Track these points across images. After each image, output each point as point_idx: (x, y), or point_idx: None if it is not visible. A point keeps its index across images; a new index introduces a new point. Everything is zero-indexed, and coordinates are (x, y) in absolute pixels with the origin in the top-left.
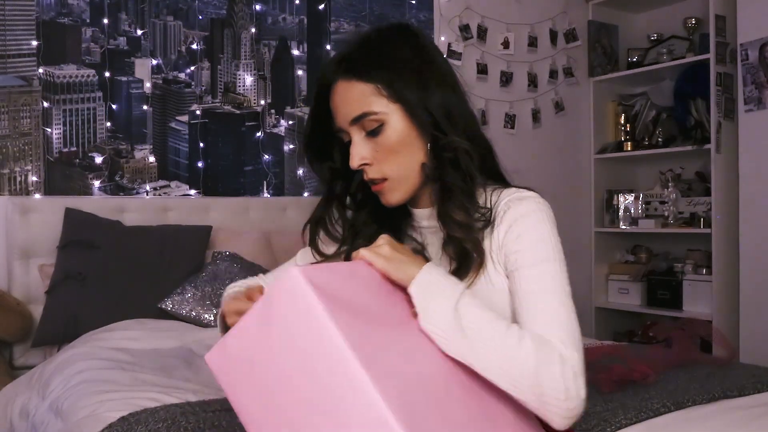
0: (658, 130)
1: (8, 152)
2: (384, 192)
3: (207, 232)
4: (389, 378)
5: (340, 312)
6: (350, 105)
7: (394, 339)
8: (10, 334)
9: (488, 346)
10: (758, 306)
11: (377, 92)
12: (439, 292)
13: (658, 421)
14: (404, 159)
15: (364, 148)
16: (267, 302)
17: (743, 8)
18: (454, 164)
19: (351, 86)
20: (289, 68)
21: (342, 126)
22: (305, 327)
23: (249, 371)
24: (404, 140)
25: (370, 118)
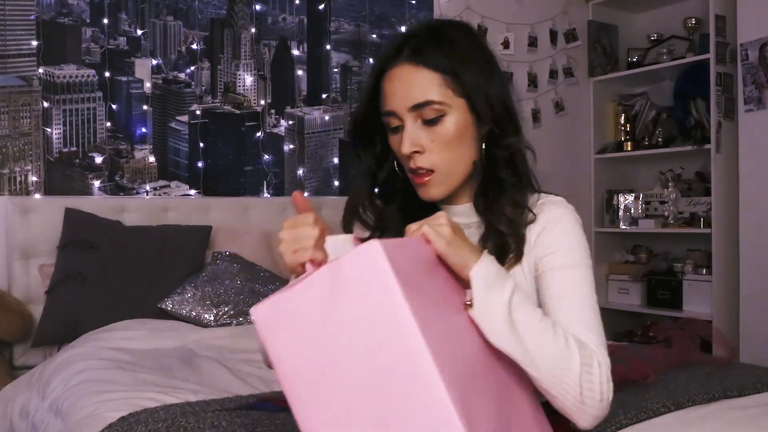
0: (658, 130)
1: (8, 152)
2: (427, 185)
3: (207, 232)
4: (447, 364)
5: (411, 292)
6: (413, 90)
7: (446, 321)
8: (10, 334)
9: (537, 344)
10: (758, 306)
11: (443, 83)
12: (498, 284)
13: (658, 421)
14: (456, 153)
15: (419, 135)
16: (336, 269)
17: (743, 8)
18: (508, 162)
19: (417, 71)
20: (289, 68)
21: (396, 109)
22: (376, 303)
23: (299, 333)
24: (461, 134)
25: (433, 107)
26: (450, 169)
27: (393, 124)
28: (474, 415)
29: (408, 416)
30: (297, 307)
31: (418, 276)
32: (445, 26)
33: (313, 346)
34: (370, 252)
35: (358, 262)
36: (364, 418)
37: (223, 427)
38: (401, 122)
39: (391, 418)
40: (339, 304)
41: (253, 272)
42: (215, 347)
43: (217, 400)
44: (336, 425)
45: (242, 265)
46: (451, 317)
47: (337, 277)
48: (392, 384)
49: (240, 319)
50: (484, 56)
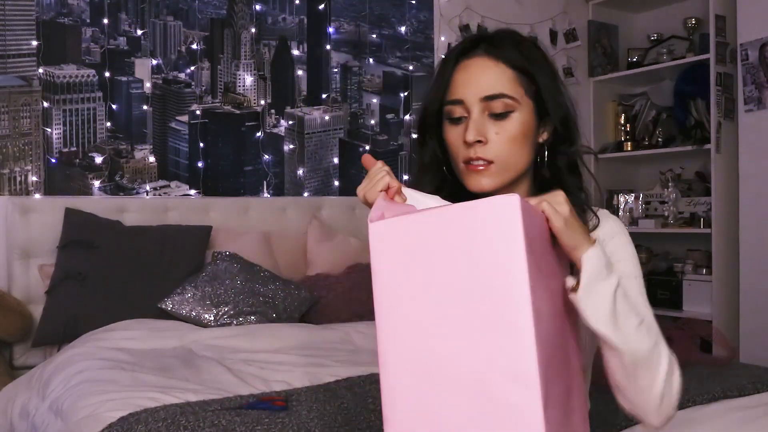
0: (658, 130)
1: (8, 152)
2: (482, 174)
3: (207, 232)
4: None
5: (530, 255)
6: (487, 81)
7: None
8: (10, 334)
9: (633, 337)
10: (758, 306)
11: (516, 79)
12: (606, 272)
13: None
14: (517, 150)
15: (484, 126)
16: (469, 209)
17: (743, 8)
18: (570, 167)
19: (493, 64)
20: (289, 68)
21: (466, 98)
22: (498, 252)
23: (410, 253)
24: (524, 134)
25: (504, 101)
26: (508, 164)
27: (456, 113)
28: (549, 392)
29: (491, 368)
30: (419, 231)
31: (536, 244)
32: (518, 33)
33: (420, 273)
34: (509, 203)
35: (494, 209)
36: (446, 357)
37: (222, 426)
38: (466, 112)
39: (473, 365)
40: (461, 241)
41: (253, 272)
42: (215, 347)
43: (217, 400)
44: (417, 356)
45: (242, 265)
46: (549, 295)
47: (467, 216)
48: (482, 329)
49: (240, 319)
50: (552, 67)
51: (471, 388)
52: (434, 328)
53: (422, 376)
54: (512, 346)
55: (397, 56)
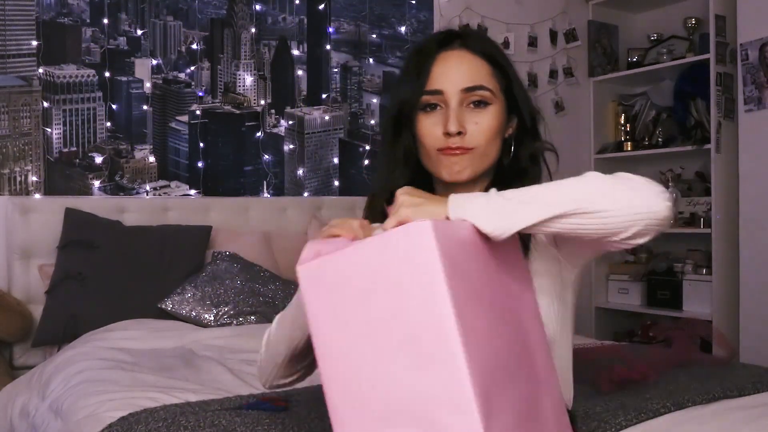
0: (658, 130)
1: (8, 152)
2: (461, 161)
3: (207, 232)
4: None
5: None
6: (468, 73)
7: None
8: (10, 334)
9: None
10: (758, 306)
11: (494, 74)
12: (473, 197)
13: (658, 421)
14: (492, 142)
15: (464, 117)
16: (385, 240)
17: (743, 8)
18: (531, 158)
19: (473, 58)
20: (289, 68)
21: (445, 89)
22: (418, 282)
23: (339, 294)
24: (498, 127)
25: (483, 93)
26: (485, 153)
27: (431, 101)
28: (493, 410)
29: (428, 399)
30: (342, 270)
31: (468, 262)
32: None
33: (350, 311)
34: (420, 230)
35: (407, 238)
36: (385, 391)
37: (223, 426)
38: (443, 103)
39: (411, 397)
40: (382, 276)
41: (253, 272)
42: (215, 347)
43: (217, 400)
44: (358, 391)
45: (242, 265)
46: (495, 309)
47: (384, 249)
48: (417, 360)
49: (240, 319)
50: (514, 71)
51: (414, 419)
52: (373, 363)
53: (367, 412)
54: (447, 376)
55: (397, 56)
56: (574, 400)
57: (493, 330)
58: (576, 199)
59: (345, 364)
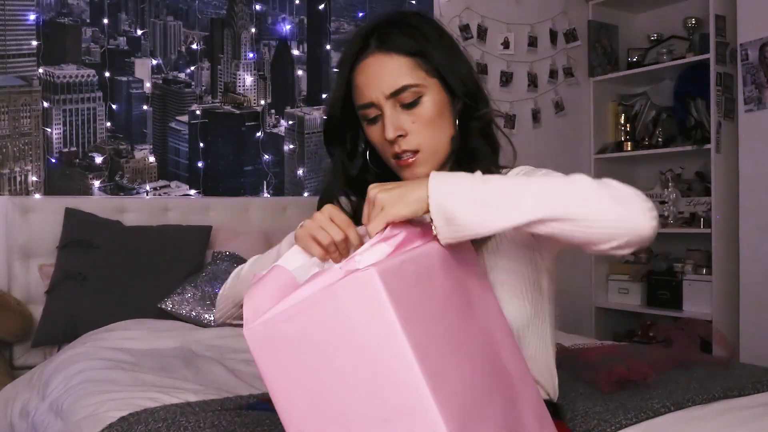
0: (658, 130)
1: (8, 152)
2: (414, 165)
3: (207, 232)
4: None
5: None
6: (388, 78)
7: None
8: (10, 334)
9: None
10: (758, 306)
11: (415, 65)
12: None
13: (658, 421)
14: (438, 131)
15: (399, 119)
16: (333, 293)
17: (743, 8)
18: (483, 133)
19: (388, 59)
20: (289, 68)
21: (374, 99)
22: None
23: (292, 354)
24: (440, 112)
25: (411, 91)
26: (434, 146)
27: (371, 115)
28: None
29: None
30: (291, 327)
31: (425, 293)
32: (405, 14)
33: (307, 368)
34: (367, 281)
35: (355, 290)
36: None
37: (223, 427)
38: (379, 111)
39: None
40: (335, 330)
41: None
42: (215, 347)
43: (217, 400)
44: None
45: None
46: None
47: (333, 301)
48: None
49: (240, 319)
50: (446, 38)
51: None
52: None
53: None
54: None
55: None
56: (574, 399)
57: (461, 355)
58: (565, 205)
59: (311, 422)
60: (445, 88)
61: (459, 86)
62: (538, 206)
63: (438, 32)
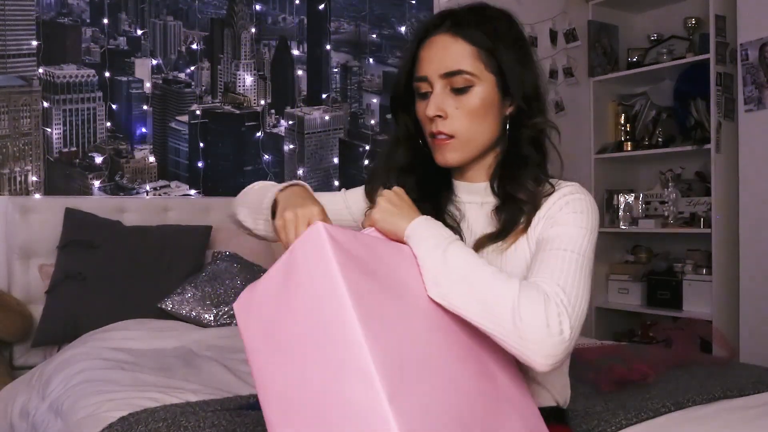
0: (658, 130)
1: (8, 152)
2: (446, 149)
3: (207, 232)
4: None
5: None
6: (447, 58)
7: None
8: (10, 334)
9: (472, 281)
10: (758, 306)
11: (477, 56)
12: (429, 237)
13: (658, 421)
14: (478, 125)
15: (444, 101)
16: (291, 253)
17: (743, 8)
18: (531, 141)
19: (453, 41)
20: (289, 68)
21: (429, 75)
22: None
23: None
24: (486, 108)
25: (463, 77)
26: (469, 137)
27: (423, 89)
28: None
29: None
30: (264, 294)
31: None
32: (488, 9)
33: (278, 331)
34: (313, 234)
35: (305, 246)
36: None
37: (223, 427)
38: (431, 88)
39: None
40: (291, 289)
41: (253, 272)
42: (215, 347)
43: (217, 400)
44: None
45: (242, 265)
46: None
47: (291, 262)
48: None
49: None
50: (520, 42)
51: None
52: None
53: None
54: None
55: (397, 56)
56: (574, 399)
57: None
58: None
59: (279, 383)
60: (500, 87)
61: (517, 88)
62: (461, 303)
63: (514, 34)
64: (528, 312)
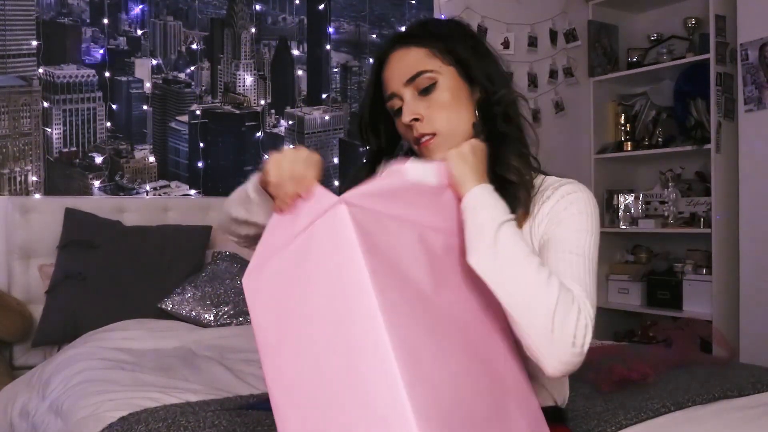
0: (658, 130)
1: (8, 152)
2: (431, 148)
3: (207, 232)
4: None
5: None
6: (405, 68)
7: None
8: (10, 334)
9: (517, 273)
10: (758, 306)
11: (431, 54)
12: (488, 207)
13: (658, 421)
14: (454, 115)
15: (416, 105)
16: (311, 236)
17: (743, 8)
18: (505, 117)
19: (407, 52)
20: (289, 68)
21: (395, 89)
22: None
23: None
24: (455, 98)
25: (425, 76)
26: (451, 129)
27: (396, 106)
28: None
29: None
30: (276, 270)
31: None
32: (434, 20)
33: (286, 311)
34: (337, 217)
35: (326, 227)
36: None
37: (223, 427)
38: (401, 101)
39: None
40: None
41: None
42: (215, 347)
43: (217, 400)
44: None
45: (242, 265)
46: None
47: (311, 244)
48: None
49: (240, 319)
50: (471, 37)
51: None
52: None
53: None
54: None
55: None
56: (574, 399)
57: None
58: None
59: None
60: (462, 76)
61: (477, 70)
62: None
63: (463, 31)
64: (562, 322)
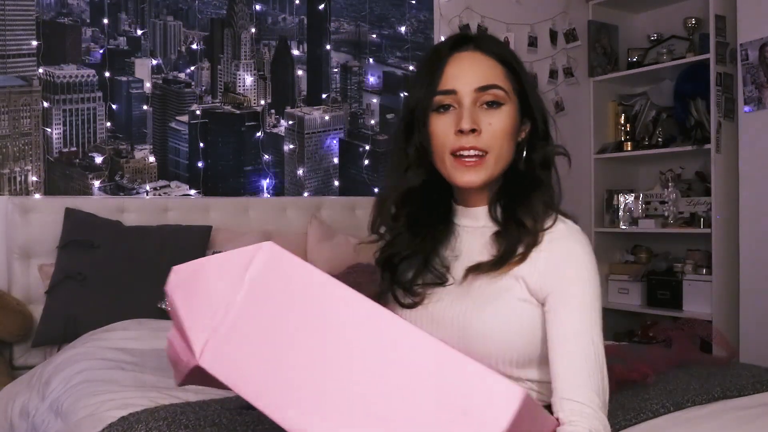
0: (658, 130)
1: (8, 152)
2: (476, 167)
3: (207, 232)
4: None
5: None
6: (481, 73)
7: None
8: (10, 334)
9: None
10: (758, 306)
11: (507, 75)
12: None
13: (658, 421)
14: (506, 145)
15: (478, 115)
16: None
17: (743, 8)
18: (543, 165)
19: (485, 58)
20: (289, 68)
21: (458, 88)
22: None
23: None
24: (512, 128)
25: (497, 92)
26: (500, 155)
27: (445, 101)
28: None
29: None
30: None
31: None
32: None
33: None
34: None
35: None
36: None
37: (223, 425)
38: (457, 103)
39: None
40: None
41: None
42: None
43: (218, 399)
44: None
45: None
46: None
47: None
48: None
49: None
50: (526, 70)
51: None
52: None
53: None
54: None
55: (397, 56)
56: None
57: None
58: None
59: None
60: (519, 111)
61: (537, 110)
62: None
63: (522, 63)
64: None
